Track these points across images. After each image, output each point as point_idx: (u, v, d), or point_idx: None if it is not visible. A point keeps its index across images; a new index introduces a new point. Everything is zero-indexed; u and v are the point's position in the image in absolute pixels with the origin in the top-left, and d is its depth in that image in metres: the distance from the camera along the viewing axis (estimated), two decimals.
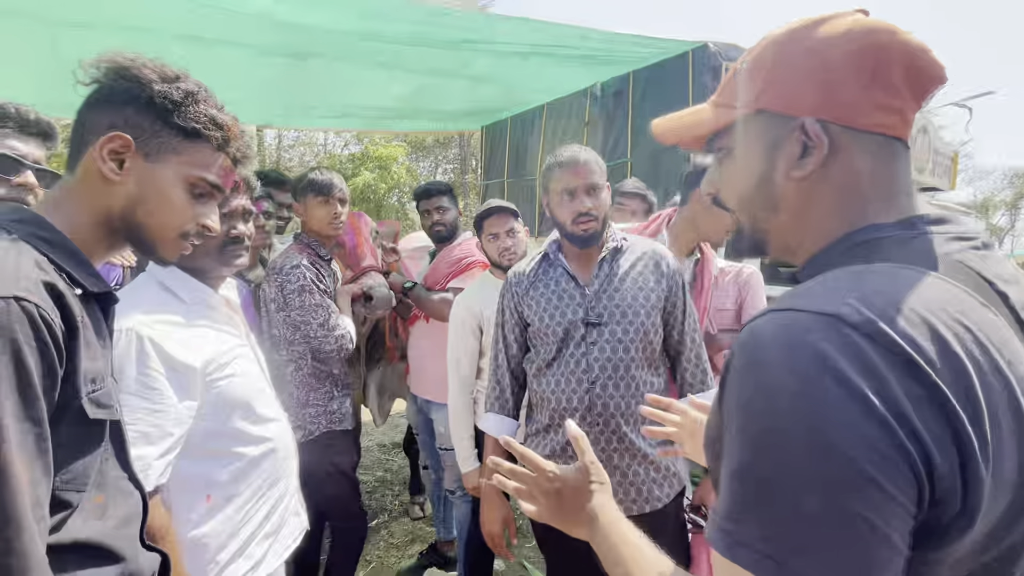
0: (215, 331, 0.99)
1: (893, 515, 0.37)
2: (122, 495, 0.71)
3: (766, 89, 0.54)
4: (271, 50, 3.40)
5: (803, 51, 0.52)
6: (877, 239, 0.50)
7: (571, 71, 4.02)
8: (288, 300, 1.74)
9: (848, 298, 0.42)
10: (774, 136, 0.54)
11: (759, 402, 0.42)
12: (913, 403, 0.38)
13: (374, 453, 3.83)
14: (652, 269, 1.37)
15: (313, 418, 1.77)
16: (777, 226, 0.57)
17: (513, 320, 1.44)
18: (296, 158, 16.69)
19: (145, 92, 0.70)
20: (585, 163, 1.33)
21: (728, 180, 0.60)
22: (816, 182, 0.53)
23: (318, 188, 1.86)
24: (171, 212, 0.74)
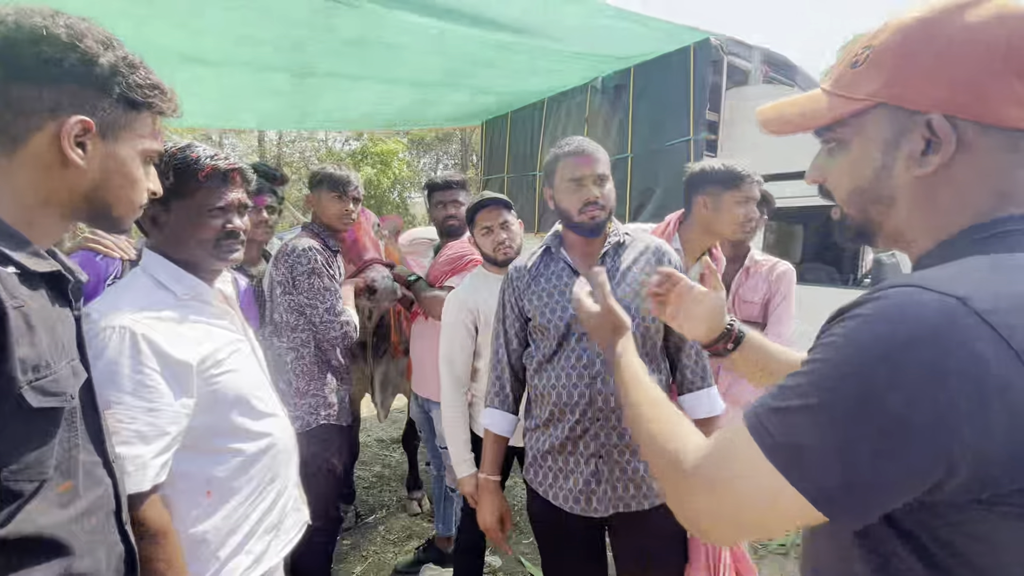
0: (211, 326, 0.98)
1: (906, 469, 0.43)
2: (91, 483, 0.69)
3: (891, 82, 0.52)
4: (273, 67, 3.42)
5: (937, 42, 0.50)
6: (1009, 232, 0.49)
7: (572, 65, 3.99)
8: (297, 282, 1.72)
9: (977, 285, 0.44)
10: (895, 130, 0.53)
11: (855, 353, 0.45)
12: (1002, 385, 0.40)
13: (373, 448, 3.83)
14: (654, 264, 1.36)
15: (312, 409, 1.76)
16: (892, 219, 0.57)
17: (514, 315, 1.42)
18: (297, 154, 16.64)
19: (94, 67, 0.65)
20: (593, 152, 1.33)
21: (840, 171, 0.59)
22: (938, 177, 0.52)
23: (334, 183, 1.86)
24: (134, 188, 0.73)
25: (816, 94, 0.60)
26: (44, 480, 0.61)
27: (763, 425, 0.49)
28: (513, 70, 3.95)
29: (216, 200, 0.99)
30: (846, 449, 0.44)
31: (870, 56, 0.54)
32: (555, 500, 1.33)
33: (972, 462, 0.41)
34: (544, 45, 3.44)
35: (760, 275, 1.91)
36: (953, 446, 0.41)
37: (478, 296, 1.75)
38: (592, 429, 1.27)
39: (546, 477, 1.35)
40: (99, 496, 0.70)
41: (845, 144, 0.58)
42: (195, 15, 2.64)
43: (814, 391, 0.47)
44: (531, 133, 5.23)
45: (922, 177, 0.52)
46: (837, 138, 0.59)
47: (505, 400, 1.45)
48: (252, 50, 3.09)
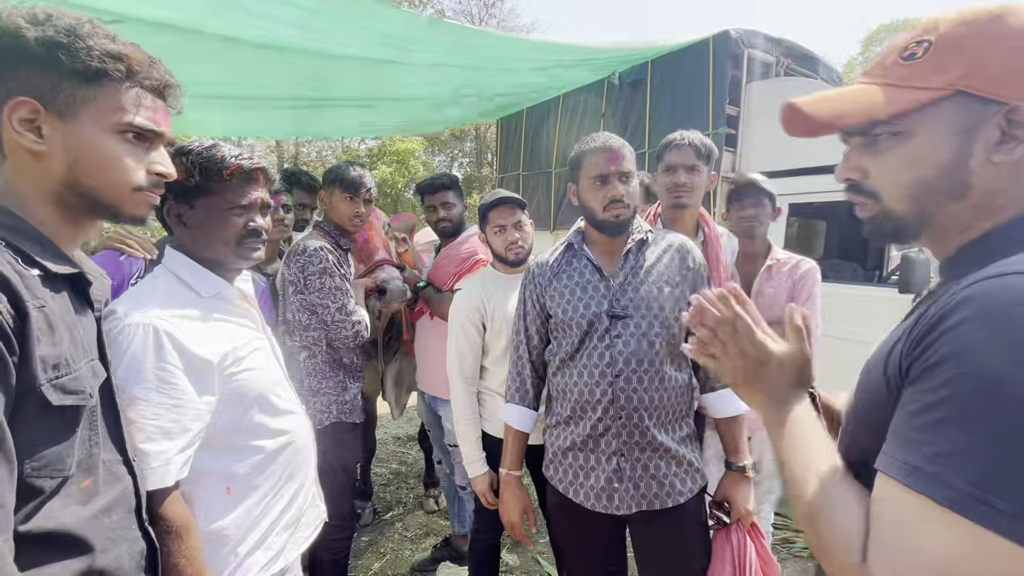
0: (231, 324, 0.99)
1: None
2: (111, 480, 0.69)
3: (971, 71, 0.53)
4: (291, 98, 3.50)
5: (1012, 35, 0.51)
6: None
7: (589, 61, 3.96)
8: (308, 282, 1.73)
9: None
10: (970, 120, 0.53)
11: (992, 362, 0.43)
12: None
13: (389, 446, 3.86)
14: (678, 263, 1.33)
15: (324, 407, 1.77)
16: (952, 209, 0.56)
17: (535, 311, 1.41)
18: (314, 153, 16.85)
19: (23, 43, 0.62)
20: (619, 149, 1.30)
21: (895, 165, 0.58)
22: (1013, 167, 0.53)
23: (347, 184, 1.86)
24: (113, 168, 0.68)
25: (865, 88, 0.59)
26: (66, 477, 0.62)
27: (936, 478, 0.43)
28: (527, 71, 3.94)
29: (240, 198, 1.00)
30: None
31: (933, 48, 0.54)
32: (575, 497, 1.32)
33: None
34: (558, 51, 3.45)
35: (783, 274, 1.86)
36: None
37: (485, 295, 1.74)
38: (614, 427, 1.26)
39: (566, 474, 1.34)
40: (120, 493, 0.71)
41: (906, 136, 0.57)
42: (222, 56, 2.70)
43: (977, 421, 0.42)
44: (547, 130, 5.20)
45: (1000, 166, 0.53)
46: (896, 130, 0.57)
47: (525, 396, 1.45)
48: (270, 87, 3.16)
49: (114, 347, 0.82)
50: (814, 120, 0.60)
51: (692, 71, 3.69)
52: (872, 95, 0.58)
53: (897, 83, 0.57)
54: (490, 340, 1.74)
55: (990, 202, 0.55)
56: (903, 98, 0.56)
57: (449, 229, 2.26)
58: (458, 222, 2.25)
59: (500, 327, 1.71)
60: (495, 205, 1.73)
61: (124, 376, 0.81)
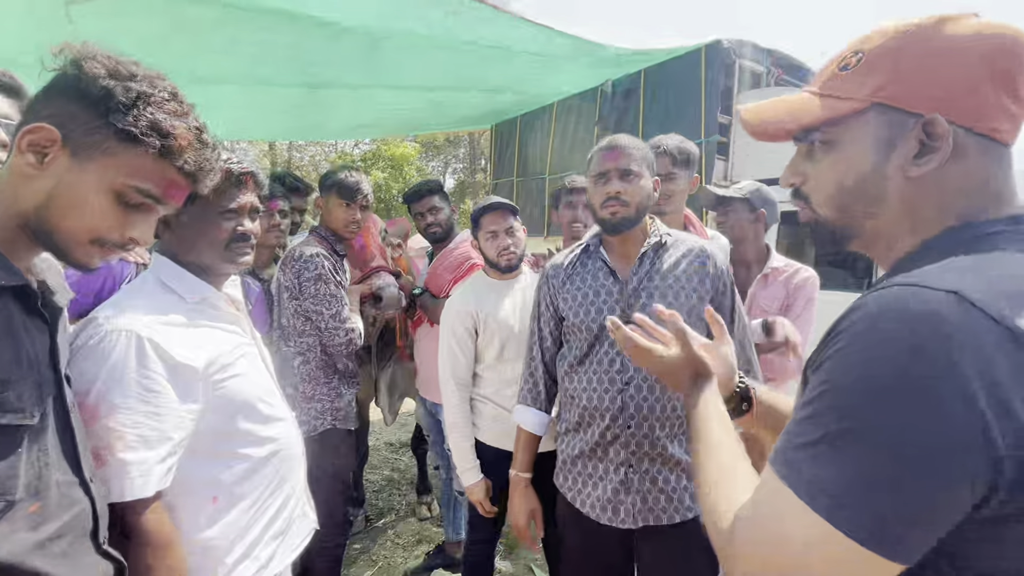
0: (218, 330, 0.98)
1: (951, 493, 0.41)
2: (66, 503, 0.66)
3: (890, 83, 0.53)
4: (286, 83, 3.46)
5: (933, 49, 0.52)
6: (992, 233, 0.51)
7: (583, 68, 3.99)
8: (304, 288, 1.73)
9: (971, 279, 0.44)
10: (891, 131, 0.54)
11: (864, 365, 0.44)
12: (1019, 383, 0.40)
13: (382, 452, 3.83)
14: (697, 268, 1.28)
15: (319, 414, 1.76)
16: (874, 220, 0.57)
17: (549, 313, 1.40)
18: (307, 158, 16.81)
19: (85, 86, 0.66)
20: (622, 147, 1.27)
21: (826, 172, 0.59)
22: (929, 180, 0.53)
23: (343, 191, 1.85)
24: (86, 217, 0.68)
25: (804, 96, 0.60)
26: (10, 501, 0.59)
27: (792, 467, 0.46)
28: (524, 71, 3.96)
29: (228, 202, 1.00)
30: (882, 477, 0.41)
31: (864, 59, 0.55)
32: (582, 507, 1.30)
33: (1012, 471, 0.40)
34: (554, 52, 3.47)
35: (779, 282, 1.83)
36: (991, 454, 0.40)
37: (478, 300, 1.73)
38: (623, 436, 1.24)
39: (575, 482, 1.32)
40: (74, 517, 0.67)
41: (833, 145, 0.58)
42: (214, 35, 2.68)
43: (834, 417, 0.45)
44: (541, 136, 5.22)
45: (914, 178, 0.53)
46: (824, 139, 0.59)
47: (538, 398, 1.43)
48: (266, 68, 3.14)
49: (95, 355, 0.81)
50: (756, 127, 0.62)
51: (684, 80, 3.73)
52: (806, 104, 0.60)
53: (829, 93, 0.58)
54: (482, 346, 1.73)
55: (914, 215, 0.55)
56: (828, 108, 0.57)
57: (440, 234, 2.26)
58: (448, 226, 2.26)
59: (492, 333, 1.71)
60: (487, 211, 1.72)
61: (105, 384, 0.80)
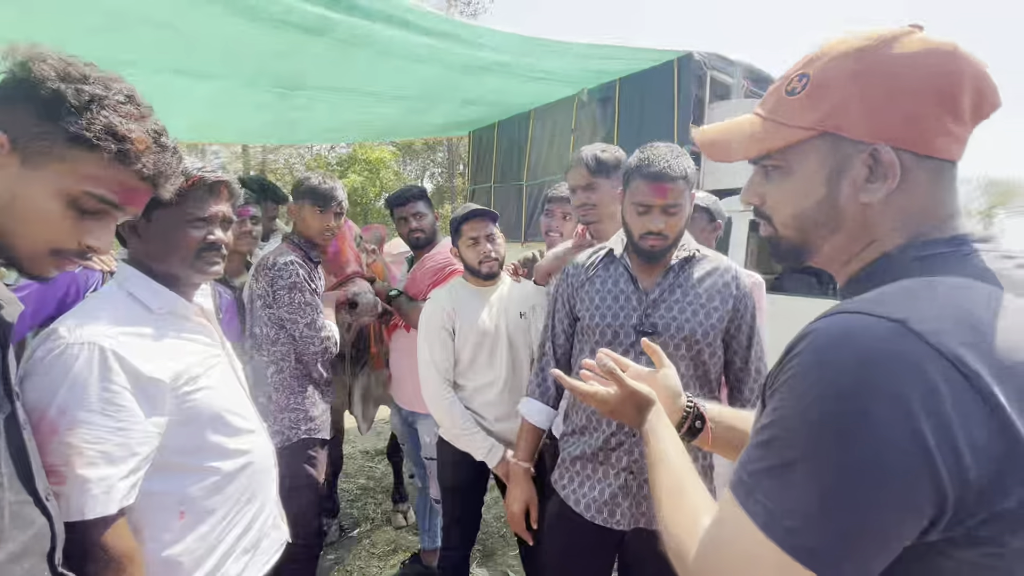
0: (187, 341, 0.96)
1: (898, 521, 0.41)
2: (21, 524, 0.63)
3: (835, 112, 0.53)
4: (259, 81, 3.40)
5: (877, 74, 0.51)
6: (937, 255, 0.51)
7: (559, 77, 4.05)
8: (278, 296, 1.70)
9: (917, 307, 0.44)
10: (839, 159, 0.54)
11: (813, 393, 0.44)
12: (962, 414, 0.40)
13: (357, 460, 3.77)
14: (720, 288, 1.28)
15: (292, 424, 1.74)
16: (831, 242, 0.57)
17: (564, 311, 1.41)
18: (282, 160, 16.51)
19: (34, 89, 0.64)
20: (669, 183, 1.21)
21: (781, 196, 0.59)
22: (881, 204, 0.53)
23: (317, 198, 1.83)
24: (39, 225, 0.65)
25: (754, 120, 0.60)
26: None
27: (750, 495, 0.46)
28: (501, 82, 3.99)
29: (199, 211, 0.98)
30: (832, 507, 0.42)
31: (809, 83, 0.54)
32: (576, 506, 1.31)
33: (956, 494, 0.40)
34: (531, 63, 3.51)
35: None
36: (935, 483, 0.40)
37: (456, 306, 1.74)
38: (627, 443, 1.25)
39: (572, 481, 1.33)
40: (31, 537, 0.65)
41: (786, 170, 0.58)
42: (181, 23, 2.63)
43: (785, 446, 0.45)
44: (518, 143, 5.26)
45: (866, 204, 0.53)
46: (777, 164, 0.59)
47: (546, 392, 1.44)
48: (238, 63, 3.08)
49: (56, 368, 0.78)
50: (709, 149, 0.63)
51: (658, 90, 3.82)
52: (754, 130, 0.59)
53: (776, 119, 0.57)
54: (457, 349, 1.74)
55: (866, 237, 0.55)
56: (778, 136, 0.57)
57: (422, 240, 2.26)
58: (430, 232, 2.25)
59: (466, 338, 1.72)
60: (468, 218, 1.72)
61: (66, 398, 0.77)
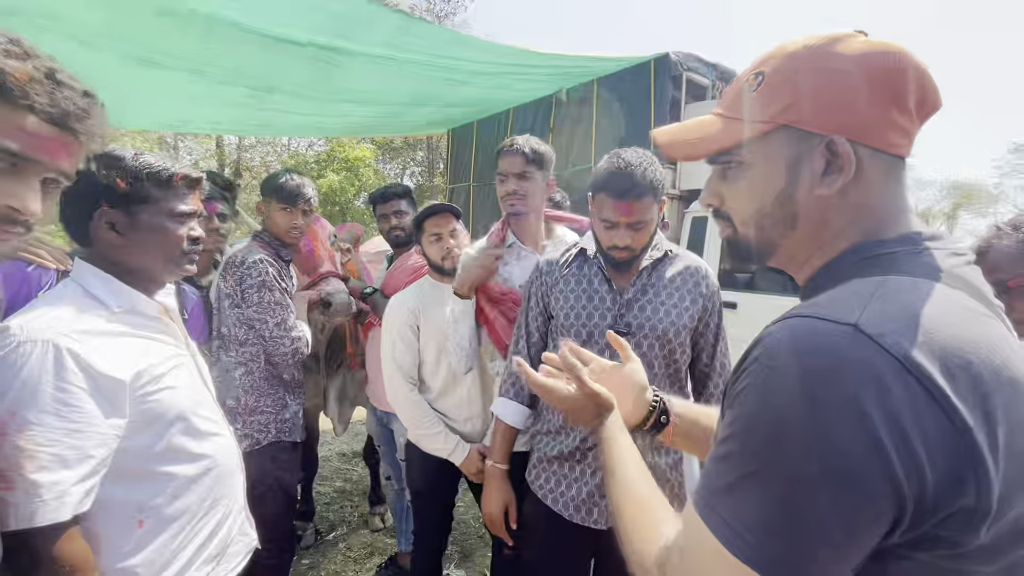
0: (148, 340, 0.93)
1: (860, 527, 0.41)
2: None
3: (792, 105, 0.53)
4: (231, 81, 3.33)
5: (828, 68, 0.52)
6: (888, 253, 0.51)
7: (538, 77, 4.05)
8: (246, 295, 1.66)
9: (868, 309, 0.44)
10: (796, 152, 0.54)
11: (767, 404, 0.44)
12: (915, 414, 0.40)
13: (333, 463, 3.71)
14: (691, 287, 1.30)
15: (262, 426, 1.69)
16: (790, 240, 0.57)
17: (538, 309, 1.39)
18: (258, 158, 16.14)
19: None
20: (635, 195, 1.18)
21: (741, 194, 0.59)
22: (835, 199, 0.54)
23: (283, 195, 1.79)
24: None
25: (711, 119, 0.61)
26: None
27: (712, 509, 0.46)
28: (480, 85, 3.98)
29: (184, 206, 0.97)
30: (793, 517, 0.42)
31: (764, 81, 0.55)
32: (554, 506, 1.31)
33: (914, 496, 0.40)
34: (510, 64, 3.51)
35: None
36: (895, 486, 0.40)
37: (422, 304, 1.73)
38: None
39: (548, 481, 1.33)
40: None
41: (745, 167, 0.58)
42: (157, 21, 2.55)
43: (744, 459, 0.45)
44: (497, 142, 5.22)
45: (823, 197, 0.54)
46: (736, 160, 0.59)
47: (520, 392, 1.43)
48: (210, 64, 3.01)
49: (5, 367, 0.75)
50: (669, 149, 0.63)
51: (635, 90, 3.85)
52: (712, 127, 0.60)
53: (735, 116, 0.58)
54: (422, 346, 1.72)
55: (823, 232, 0.55)
56: (736, 131, 0.57)
57: (402, 238, 2.25)
58: (411, 231, 2.24)
59: (429, 336, 1.70)
60: (430, 214, 1.72)
61: (16, 399, 0.74)
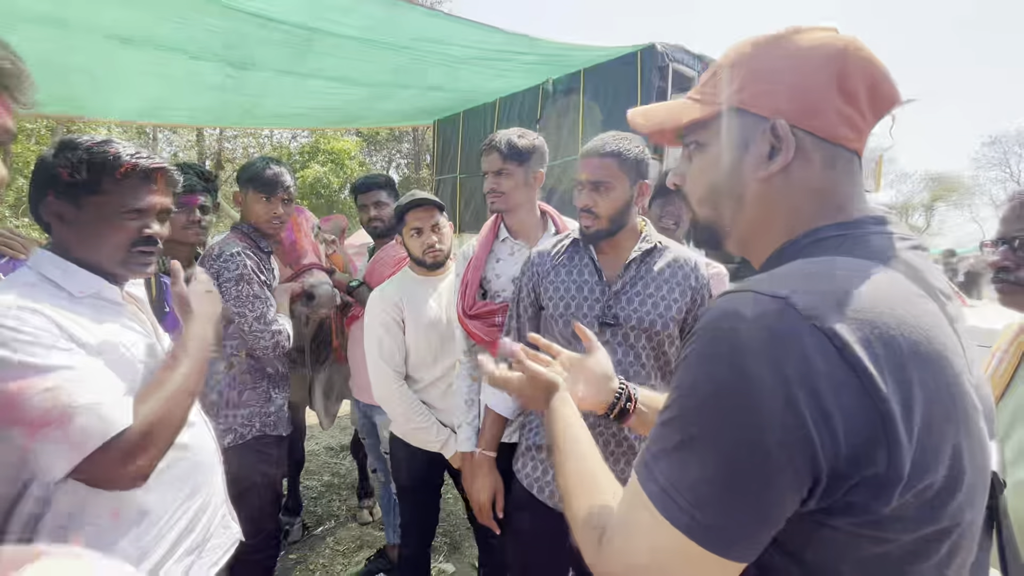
0: (115, 324, 0.90)
1: (781, 493, 0.43)
2: None
3: (743, 88, 0.56)
4: (207, 55, 3.23)
5: (780, 56, 0.55)
6: (836, 236, 0.53)
7: (524, 67, 4.02)
8: (224, 289, 1.62)
9: (800, 284, 0.46)
10: (746, 134, 0.57)
11: (702, 372, 0.46)
12: (835, 386, 0.41)
13: (321, 457, 3.69)
14: (680, 279, 1.29)
15: (246, 420, 1.67)
16: (740, 221, 0.60)
17: (529, 299, 1.39)
18: (240, 150, 15.83)
19: None
20: (598, 155, 1.25)
21: (698, 173, 0.62)
22: (779, 182, 0.56)
23: (262, 184, 1.74)
24: None
25: (682, 101, 0.64)
26: None
27: (651, 475, 0.48)
28: (465, 70, 3.93)
29: (135, 201, 0.91)
30: (717, 481, 0.44)
31: (729, 65, 0.58)
32: (540, 494, 1.31)
33: (829, 463, 0.42)
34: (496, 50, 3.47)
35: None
36: (811, 452, 0.41)
37: (404, 296, 1.70)
38: (593, 430, 1.24)
39: (535, 469, 1.33)
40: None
41: (702, 147, 0.61)
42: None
43: (679, 425, 0.47)
44: (484, 133, 5.20)
45: (765, 179, 0.56)
46: (696, 141, 0.62)
47: None
48: (183, 33, 2.91)
49: None
50: (642, 127, 0.65)
51: (621, 81, 3.84)
52: (680, 108, 0.63)
53: (699, 98, 0.61)
54: (409, 342, 1.70)
55: (769, 217, 0.58)
56: (694, 110, 0.61)
57: (380, 229, 2.22)
58: (390, 223, 2.21)
59: (416, 330, 1.69)
60: (412, 207, 1.68)
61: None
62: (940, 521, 0.44)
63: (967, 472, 0.45)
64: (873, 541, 0.44)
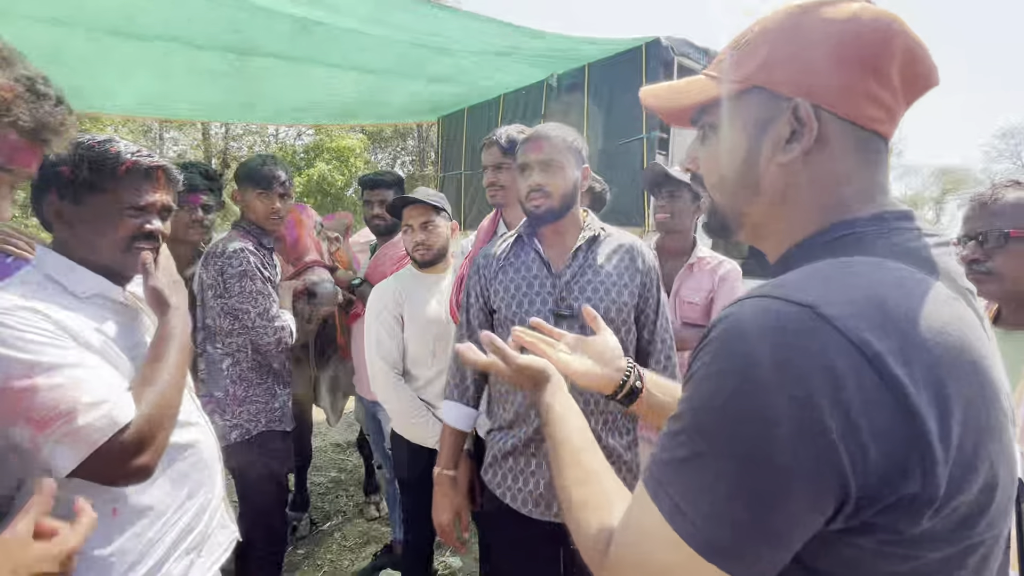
0: (119, 325, 0.90)
1: (802, 516, 0.40)
2: None
3: (764, 65, 0.51)
4: (210, 45, 3.23)
5: (804, 30, 0.50)
6: (856, 233, 0.49)
7: (528, 62, 4.00)
8: (228, 285, 1.63)
9: (826, 290, 0.42)
10: (764, 115, 0.52)
11: (719, 385, 0.43)
12: (866, 402, 0.38)
13: (328, 453, 3.72)
14: (628, 264, 1.29)
15: (252, 416, 1.68)
16: (756, 209, 0.55)
17: (479, 305, 1.36)
18: (245, 148, 15.90)
19: None
20: (544, 138, 1.27)
21: (711, 157, 0.58)
22: (800, 168, 0.51)
23: (258, 180, 1.76)
24: None
25: (697, 79, 0.59)
26: None
27: (661, 486, 0.45)
28: (468, 61, 3.91)
29: (135, 199, 0.92)
30: (736, 499, 0.41)
31: (749, 41, 0.54)
32: (512, 503, 1.28)
33: (858, 483, 0.39)
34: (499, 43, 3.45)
35: (704, 273, 1.84)
36: (839, 472, 0.39)
37: (403, 293, 1.71)
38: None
39: (504, 479, 1.30)
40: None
41: (717, 127, 0.56)
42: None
43: (694, 437, 0.44)
44: (488, 129, 5.15)
45: (784, 165, 0.51)
46: (710, 122, 0.57)
47: (464, 393, 1.38)
48: (186, 23, 2.91)
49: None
50: (654, 107, 0.62)
51: (626, 76, 3.81)
52: (695, 83, 0.58)
53: (715, 75, 0.56)
54: (407, 339, 1.71)
55: (787, 206, 0.53)
56: (711, 88, 0.56)
57: (382, 227, 2.23)
58: (393, 221, 2.21)
59: (415, 327, 1.69)
60: (405, 204, 1.70)
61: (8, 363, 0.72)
62: (972, 537, 0.42)
63: (1000, 486, 0.42)
64: (901, 559, 0.42)
